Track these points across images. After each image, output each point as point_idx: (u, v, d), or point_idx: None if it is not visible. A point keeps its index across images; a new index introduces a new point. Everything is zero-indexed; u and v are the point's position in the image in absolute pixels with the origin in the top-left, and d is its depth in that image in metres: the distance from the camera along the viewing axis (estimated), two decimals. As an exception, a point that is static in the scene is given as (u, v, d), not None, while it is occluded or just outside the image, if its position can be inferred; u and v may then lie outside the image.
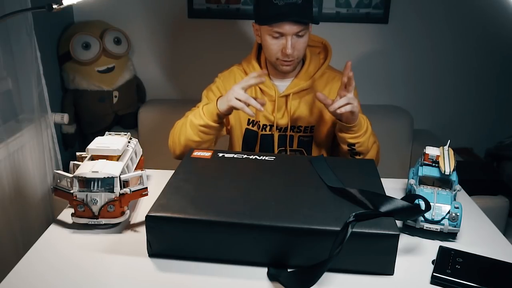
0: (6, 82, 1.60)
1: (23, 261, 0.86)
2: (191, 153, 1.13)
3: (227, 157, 1.11)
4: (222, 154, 1.12)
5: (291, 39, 1.31)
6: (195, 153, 1.13)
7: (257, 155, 1.12)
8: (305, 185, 0.98)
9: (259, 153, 1.14)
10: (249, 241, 0.83)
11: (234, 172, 1.04)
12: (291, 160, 1.15)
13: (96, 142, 1.05)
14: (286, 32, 1.31)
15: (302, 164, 1.09)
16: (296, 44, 1.33)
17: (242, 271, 0.84)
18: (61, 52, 2.16)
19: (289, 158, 1.17)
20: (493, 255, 0.88)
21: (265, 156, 1.12)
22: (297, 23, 1.30)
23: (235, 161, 1.09)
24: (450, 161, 1.02)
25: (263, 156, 1.11)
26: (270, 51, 1.37)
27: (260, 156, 1.11)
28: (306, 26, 1.32)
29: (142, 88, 2.42)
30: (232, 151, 1.17)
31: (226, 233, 0.84)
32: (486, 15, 2.28)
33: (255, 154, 1.13)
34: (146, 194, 0.99)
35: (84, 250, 0.90)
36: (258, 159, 1.10)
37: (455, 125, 2.50)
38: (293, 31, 1.30)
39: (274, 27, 1.31)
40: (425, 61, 2.39)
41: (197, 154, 1.12)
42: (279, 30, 1.31)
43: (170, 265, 0.86)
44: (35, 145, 1.63)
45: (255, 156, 1.12)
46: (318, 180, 1.00)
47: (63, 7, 1.08)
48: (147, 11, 2.31)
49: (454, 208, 0.94)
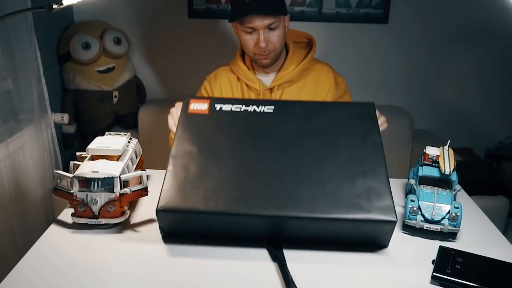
0: (6, 82, 1.60)
1: (23, 261, 0.86)
2: (187, 106, 1.06)
3: (225, 110, 1.05)
4: (219, 107, 1.06)
5: (263, 32, 1.38)
6: (192, 106, 1.06)
7: (255, 105, 1.06)
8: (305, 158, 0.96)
9: (257, 101, 1.08)
10: (251, 225, 0.91)
11: (234, 138, 1.01)
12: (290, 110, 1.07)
13: (96, 142, 1.05)
14: (256, 27, 1.37)
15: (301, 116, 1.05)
16: (269, 37, 1.39)
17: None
18: (61, 52, 2.16)
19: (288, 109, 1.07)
20: (493, 255, 0.88)
21: (264, 106, 1.06)
22: (266, 16, 1.35)
23: (235, 118, 1.04)
24: (450, 161, 1.02)
25: (262, 107, 1.06)
26: (246, 47, 1.43)
27: (259, 107, 1.06)
28: (277, 18, 1.38)
29: (142, 88, 2.42)
30: (229, 99, 1.11)
31: (231, 221, 0.90)
32: (486, 15, 2.28)
33: (254, 103, 1.07)
34: (146, 194, 0.99)
35: (84, 250, 0.90)
36: (257, 111, 1.05)
37: (455, 125, 2.50)
38: (264, 24, 1.37)
39: (246, 23, 1.37)
40: (425, 61, 2.39)
41: (195, 108, 1.06)
42: (250, 25, 1.37)
43: (171, 265, 0.86)
44: (35, 145, 1.63)
45: (253, 107, 1.06)
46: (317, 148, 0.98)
47: (63, 7, 1.08)
48: (147, 11, 2.31)
49: (454, 208, 0.94)
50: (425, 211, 0.95)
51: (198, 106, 1.07)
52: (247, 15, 1.35)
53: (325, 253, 0.91)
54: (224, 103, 1.07)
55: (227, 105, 1.06)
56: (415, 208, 0.96)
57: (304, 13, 2.29)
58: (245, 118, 1.05)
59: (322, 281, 0.83)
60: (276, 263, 0.87)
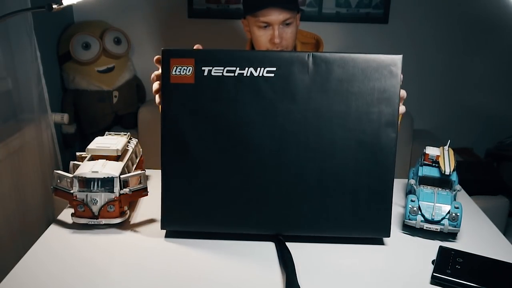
0: (6, 82, 1.60)
1: (23, 261, 0.86)
2: (169, 71, 0.87)
3: (215, 76, 0.87)
4: (207, 70, 0.87)
5: (278, 28, 1.35)
6: (174, 71, 0.87)
7: (252, 66, 0.86)
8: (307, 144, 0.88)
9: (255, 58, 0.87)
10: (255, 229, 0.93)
11: (227, 129, 0.88)
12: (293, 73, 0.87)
13: (96, 142, 1.05)
14: (272, 21, 1.34)
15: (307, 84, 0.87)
16: (283, 34, 1.36)
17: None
18: (61, 52, 2.16)
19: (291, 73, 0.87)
20: (493, 255, 0.88)
21: (264, 68, 0.86)
22: (283, 10, 1.33)
23: (227, 90, 0.87)
24: (450, 161, 1.02)
25: (260, 70, 0.86)
26: (259, 43, 1.40)
27: (256, 70, 0.86)
28: (292, 14, 1.36)
29: (142, 88, 2.42)
30: (218, 55, 0.87)
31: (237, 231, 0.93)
32: (486, 15, 2.28)
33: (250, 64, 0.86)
34: (146, 194, 0.99)
35: (84, 250, 0.90)
36: (254, 76, 0.86)
37: (455, 125, 2.50)
38: (279, 19, 1.34)
39: (260, 17, 1.34)
40: (425, 61, 2.39)
41: (177, 75, 0.87)
42: (266, 20, 1.34)
43: (171, 265, 0.86)
44: (35, 145, 1.63)
45: (250, 69, 0.86)
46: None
47: (63, 7, 1.08)
48: (147, 11, 2.31)
49: (454, 208, 0.94)
50: (425, 211, 0.95)
51: (181, 71, 0.87)
52: (264, 8, 1.32)
53: (324, 252, 0.91)
54: (213, 64, 0.87)
55: (217, 68, 0.87)
56: (415, 208, 0.96)
57: (304, 13, 2.29)
58: (240, 93, 0.87)
59: (321, 281, 0.82)
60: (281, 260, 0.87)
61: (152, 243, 0.93)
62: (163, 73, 0.88)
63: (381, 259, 0.89)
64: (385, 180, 0.89)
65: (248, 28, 1.43)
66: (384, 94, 0.88)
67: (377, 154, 0.88)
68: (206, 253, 0.90)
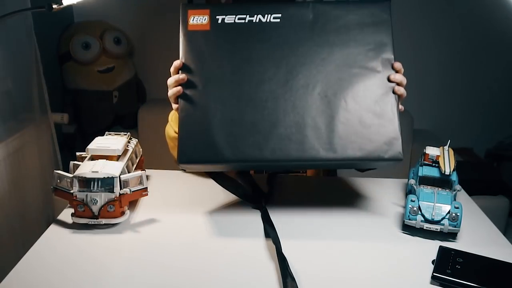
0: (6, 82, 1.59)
1: (23, 261, 0.86)
2: (187, 21, 1.00)
3: (228, 23, 0.99)
4: (221, 18, 0.99)
5: None
6: (192, 20, 1.00)
7: (261, 13, 0.99)
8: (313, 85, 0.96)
9: (262, 7, 1.00)
10: None
11: (242, 64, 0.97)
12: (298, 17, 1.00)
13: (96, 142, 1.05)
14: None
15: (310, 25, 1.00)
16: None
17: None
18: (61, 52, 2.16)
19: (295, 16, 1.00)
20: (493, 255, 0.88)
21: (270, 14, 0.99)
22: None
23: (240, 34, 0.98)
24: (450, 161, 1.02)
25: (268, 16, 0.99)
26: None
27: (264, 16, 0.99)
28: None
29: (142, 88, 2.42)
30: (231, 7, 1.02)
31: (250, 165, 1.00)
32: (486, 15, 2.28)
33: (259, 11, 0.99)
34: (146, 194, 0.99)
35: (84, 250, 0.90)
36: (263, 22, 0.99)
37: (455, 125, 2.50)
38: None
39: None
40: (425, 61, 2.38)
41: (194, 23, 1.00)
42: None
43: (171, 265, 0.86)
44: (35, 145, 1.63)
45: (259, 16, 0.99)
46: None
47: (63, 7, 1.08)
48: (147, 11, 2.31)
49: (454, 208, 0.94)
50: (425, 211, 0.95)
51: (198, 20, 1.00)
52: None
53: (325, 249, 0.91)
54: (226, 13, 0.99)
55: (229, 16, 0.99)
56: (415, 208, 0.96)
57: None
58: (250, 34, 0.98)
59: (320, 278, 0.82)
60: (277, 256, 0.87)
61: (152, 243, 0.93)
62: (182, 24, 1.00)
63: (381, 259, 0.90)
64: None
65: None
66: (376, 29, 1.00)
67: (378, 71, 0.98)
68: (206, 252, 0.90)
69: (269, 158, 0.92)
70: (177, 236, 0.96)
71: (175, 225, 1.00)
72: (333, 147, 0.92)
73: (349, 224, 1.02)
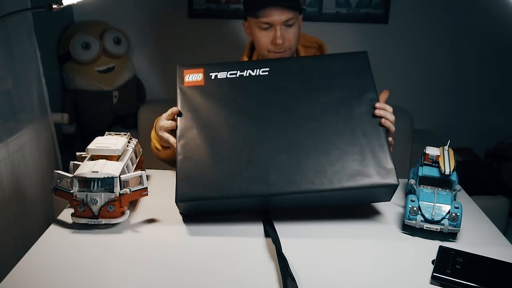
0: (6, 82, 1.59)
1: (23, 261, 0.86)
2: (182, 79, 1.09)
3: (221, 78, 1.08)
4: (214, 75, 1.08)
5: (280, 28, 1.33)
6: (187, 78, 1.09)
7: (250, 69, 1.09)
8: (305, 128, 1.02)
9: (251, 63, 1.13)
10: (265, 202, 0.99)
11: (235, 112, 1.04)
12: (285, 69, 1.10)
13: (96, 142, 1.05)
14: (274, 22, 1.32)
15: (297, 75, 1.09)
16: (285, 34, 1.34)
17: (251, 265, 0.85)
18: (61, 52, 2.16)
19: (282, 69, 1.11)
20: (493, 255, 0.88)
21: (259, 69, 1.09)
22: (284, 10, 1.31)
23: (232, 86, 1.07)
24: (450, 161, 1.02)
25: (256, 70, 1.08)
26: (261, 44, 1.37)
27: (254, 71, 1.08)
28: (294, 14, 1.34)
29: (142, 88, 2.42)
30: (223, 65, 1.11)
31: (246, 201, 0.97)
32: (486, 15, 2.28)
33: (248, 67, 1.09)
34: (146, 194, 0.99)
35: (84, 250, 0.90)
36: (253, 75, 1.08)
37: (455, 125, 2.50)
38: (281, 19, 1.32)
39: (262, 18, 1.32)
40: (425, 61, 2.38)
41: (190, 80, 1.09)
42: (267, 20, 1.32)
43: (171, 266, 0.86)
44: (35, 145, 1.63)
45: (248, 71, 1.08)
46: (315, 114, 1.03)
47: (63, 7, 1.08)
48: (147, 11, 2.31)
49: (454, 208, 0.94)
50: (425, 211, 0.95)
51: (193, 77, 1.09)
52: (266, 8, 1.30)
53: (325, 249, 0.91)
54: (219, 70, 1.08)
55: (222, 73, 1.08)
56: (415, 208, 0.96)
57: (304, 13, 2.29)
58: (242, 86, 1.07)
59: (320, 279, 0.82)
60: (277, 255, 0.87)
61: (152, 243, 0.93)
62: (178, 81, 1.09)
63: (381, 259, 0.90)
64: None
65: (249, 30, 1.42)
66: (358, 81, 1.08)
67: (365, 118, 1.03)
68: (206, 252, 0.90)
69: (267, 192, 0.95)
70: (177, 236, 0.96)
71: (175, 225, 1.00)
72: (329, 179, 0.95)
73: (349, 224, 1.02)
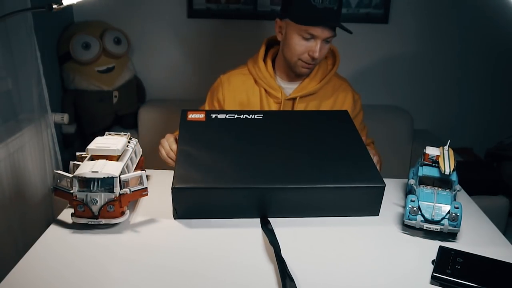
0: (6, 82, 1.60)
1: (23, 261, 0.86)
2: (186, 116, 1.21)
3: (220, 118, 1.21)
4: (214, 116, 1.22)
5: (320, 42, 1.32)
6: (190, 116, 1.21)
7: (246, 113, 1.23)
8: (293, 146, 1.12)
9: (248, 111, 1.25)
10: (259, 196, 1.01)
11: (231, 135, 1.15)
12: (276, 117, 1.26)
13: (96, 142, 1.05)
14: (318, 35, 1.31)
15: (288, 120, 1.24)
16: (322, 49, 1.34)
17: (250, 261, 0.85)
18: (61, 52, 2.16)
19: (275, 116, 1.26)
20: (493, 255, 0.88)
21: (254, 114, 1.23)
22: (331, 29, 1.31)
23: (230, 122, 1.20)
24: (450, 161, 1.02)
25: (252, 115, 1.23)
26: (295, 51, 1.35)
27: (250, 115, 1.22)
28: (335, 33, 1.33)
29: (142, 88, 2.42)
30: (222, 111, 1.25)
31: (240, 194, 1.00)
32: (486, 15, 2.28)
33: (245, 113, 1.23)
34: (146, 194, 0.99)
35: (84, 250, 0.90)
36: (249, 118, 1.22)
37: (455, 125, 2.51)
38: (325, 35, 1.31)
39: (309, 29, 1.30)
40: (425, 61, 2.39)
41: (192, 117, 1.21)
42: (313, 33, 1.30)
43: (170, 266, 0.86)
44: (35, 145, 1.63)
45: (245, 115, 1.22)
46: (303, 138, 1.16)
47: (63, 7, 1.08)
48: (147, 11, 2.31)
49: (454, 208, 0.94)
50: (425, 211, 0.95)
51: (195, 116, 1.21)
52: (318, 26, 1.29)
53: (324, 249, 0.91)
54: (219, 113, 1.23)
55: (221, 114, 1.22)
56: (415, 208, 0.96)
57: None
58: (239, 122, 1.20)
59: (320, 279, 0.82)
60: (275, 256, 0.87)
61: (151, 243, 0.93)
62: (182, 119, 1.20)
63: (381, 259, 0.90)
64: None
65: (282, 30, 1.38)
66: None
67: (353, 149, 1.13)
68: (205, 253, 0.90)
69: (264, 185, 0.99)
70: (176, 236, 0.96)
71: (175, 225, 1.00)
72: (323, 175, 1.02)
73: (348, 224, 1.01)
